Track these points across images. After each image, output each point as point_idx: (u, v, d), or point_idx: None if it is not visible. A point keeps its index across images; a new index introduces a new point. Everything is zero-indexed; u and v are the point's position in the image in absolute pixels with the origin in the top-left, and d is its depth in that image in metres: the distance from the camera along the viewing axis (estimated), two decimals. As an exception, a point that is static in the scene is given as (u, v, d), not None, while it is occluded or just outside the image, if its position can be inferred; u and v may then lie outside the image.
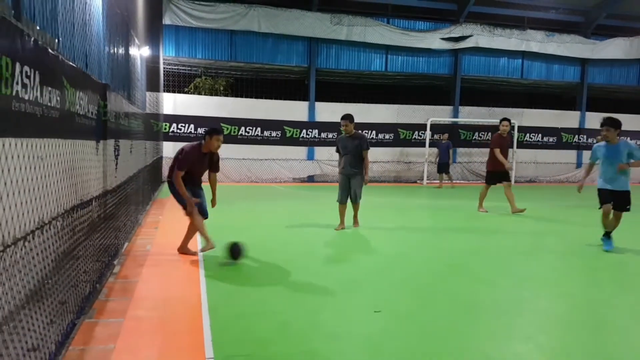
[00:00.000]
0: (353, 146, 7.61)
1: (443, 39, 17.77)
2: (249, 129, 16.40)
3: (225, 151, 15.37)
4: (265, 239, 6.89)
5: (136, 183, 7.39)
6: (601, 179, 6.57)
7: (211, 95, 17.12)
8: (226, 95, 17.44)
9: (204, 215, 5.83)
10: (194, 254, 5.86)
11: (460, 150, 18.40)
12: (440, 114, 18.15)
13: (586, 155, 19.26)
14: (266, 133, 16.56)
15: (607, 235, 6.64)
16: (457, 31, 17.83)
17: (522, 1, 17.90)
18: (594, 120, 19.62)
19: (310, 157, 17.12)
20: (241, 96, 16.83)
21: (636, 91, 20.32)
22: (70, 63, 3.44)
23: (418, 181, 17.51)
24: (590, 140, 19.43)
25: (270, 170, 16.54)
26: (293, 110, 16.89)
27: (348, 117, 7.58)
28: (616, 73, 20.08)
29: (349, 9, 16.86)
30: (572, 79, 19.76)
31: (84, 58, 4.31)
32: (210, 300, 4.22)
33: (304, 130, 16.95)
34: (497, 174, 9.97)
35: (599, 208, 6.58)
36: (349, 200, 7.83)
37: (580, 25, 19.07)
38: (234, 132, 16.22)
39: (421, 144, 17.56)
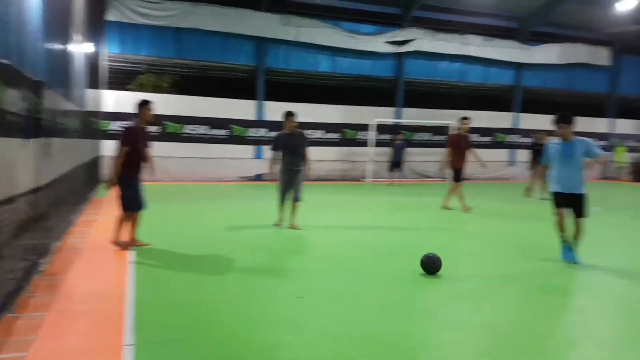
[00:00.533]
0: (295, 144, 7.68)
1: (387, 42, 18.37)
2: (195, 127, 16.41)
3: (169, 150, 15.49)
4: (204, 236, 7.10)
5: (69, 181, 7.39)
6: (554, 181, 6.00)
7: (155, 92, 16.96)
8: (171, 92, 17.33)
9: (139, 207, 5.99)
10: (130, 245, 6.01)
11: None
12: (384, 115, 18.74)
13: (520, 154, 20.39)
14: (213, 132, 16.61)
15: (567, 246, 6.03)
16: (400, 35, 18.46)
17: (462, 7, 18.71)
18: (527, 120, 20.84)
19: (258, 156, 17.30)
20: (187, 94, 16.78)
21: (566, 94, 21.65)
22: (1, 60, 3.45)
23: (362, 179, 18.02)
24: (525, 140, 20.54)
25: (216, 170, 16.58)
26: (241, 109, 17.02)
27: (295, 114, 7.78)
28: (549, 76, 21.33)
29: (298, 10, 17.14)
30: (508, 82, 20.84)
31: (19, 54, 4.31)
32: (139, 291, 4.43)
33: (252, 129, 17.11)
34: (458, 172, 10.32)
35: (555, 213, 6.02)
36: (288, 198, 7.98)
37: (516, 31, 20.14)
38: (179, 130, 16.20)
39: (366, 143, 18.09)
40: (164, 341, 3.44)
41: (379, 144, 18.34)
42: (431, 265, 5.17)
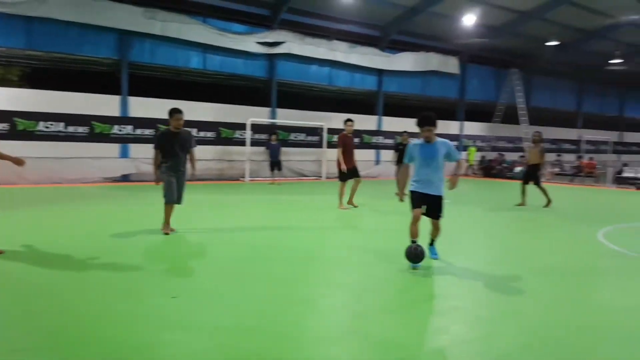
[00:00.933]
0: (181, 143, 7.21)
1: (259, 43, 18.53)
2: (50, 125, 14.85)
3: (21, 149, 13.75)
4: (63, 242, 6.36)
5: None
6: (415, 180, 5.79)
7: (2, 86, 15.11)
8: (21, 86, 15.56)
9: None
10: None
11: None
12: (259, 115, 18.78)
13: (385, 154, 21.81)
14: (71, 129, 15.16)
15: (431, 243, 6.09)
16: (271, 37, 18.75)
17: (329, 13, 19.62)
18: (389, 123, 22.39)
19: (124, 154, 16.20)
20: (40, 88, 15.19)
21: (422, 99, 23.72)
22: None
23: (241, 179, 17.80)
24: (388, 141, 21.98)
25: (76, 170, 15.12)
26: (103, 104, 15.81)
27: (182, 112, 7.22)
28: (406, 83, 23.20)
29: (164, 5, 16.52)
30: (372, 87, 22.25)
31: None
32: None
33: (116, 127, 16.00)
34: (348, 171, 10.47)
35: (413, 210, 5.73)
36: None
37: (378, 39, 21.63)
38: (31, 127, 14.55)
39: (242, 142, 17.94)
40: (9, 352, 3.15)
41: (256, 143, 18.32)
42: (413, 256, 5.47)
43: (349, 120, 10.50)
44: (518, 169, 23.07)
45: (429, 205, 5.73)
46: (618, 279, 5.59)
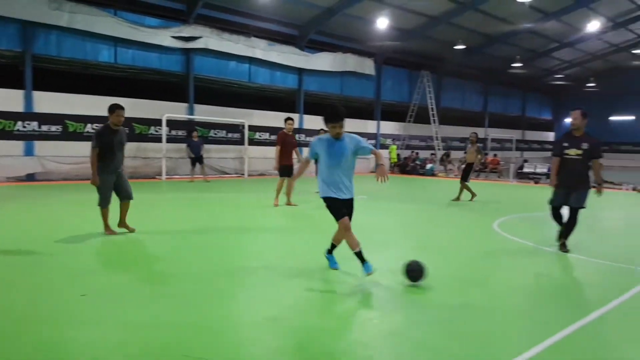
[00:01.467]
0: (120, 141, 6.89)
1: (174, 37, 18.16)
2: (-58, 119, 13.72)
3: None
4: None
5: None
6: (326, 184, 4.97)
7: None
8: None
9: None
10: None
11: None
12: (176, 110, 18.41)
13: (307, 151, 22.14)
14: (-33, 124, 14.11)
15: (330, 251, 5.44)
16: (187, 31, 18.44)
17: (246, 10, 19.62)
18: (310, 122, 22.77)
19: (29, 152, 15.27)
20: None
21: (341, 98, 24.39)
22: None
23: (157, 177, 17.36)
24: (310, 139, 22.38)
25: (-26, 168, 14.11)
26: (5, 99, 14.80)
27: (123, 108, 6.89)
28: (326, 82, 23.75)
29: (71, -5, 15.76)
30: (292, 85, 22.54)
31: None
32: None
33: (20, 123, 15.04)
34: (286, 168, 10.51)
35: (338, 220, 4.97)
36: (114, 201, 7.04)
37: (297, 38, 21.94)
38: None
39: (158, 139, 17.51)
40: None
41: (174, 140, 17.96)
42: (415, 273, 4.79)
43: (289, 119, 10.72)
44: (429, 165, 24.41)
45: (349, 209, 5.04)
46: (497, 260, 6.26)
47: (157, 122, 17.58)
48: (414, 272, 4.75)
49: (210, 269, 5.39)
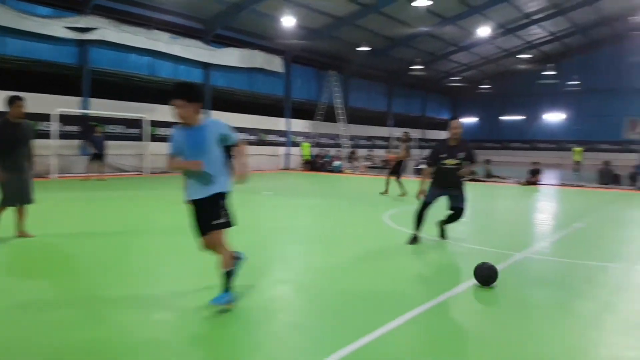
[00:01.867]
0: (21, 136, 6.29)
1: (68, 28, 17.09)
2: None
3: None
4: None
5: None
6: (188, 183, 4.05)
7: None
8: None
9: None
10: None
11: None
12: (68, 105, 17.33)
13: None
14: None
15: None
16: (82, 22, 17.43)
17: (148, 2, 18.90)
18: (217, 117, 22.37)
19: None
20: None
21: (249, 94, 24.30)
22: None
23: (46, 175, 16.21)
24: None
25: None
26: None
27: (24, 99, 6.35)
28: (234, 78, 23.53)
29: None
30: (198, 79, 22.05)
31: None
32: None
33: None
34: None
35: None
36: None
37: (202, 32, 21.51)
38: None
39: (47, 135, 16.36)
40: None
41: (67, 136, 16.90)
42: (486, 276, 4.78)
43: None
44: (337, 163, 25.03)
45: (200, 213, 4.00)
46: (380, 249, 6.66)
47: (46, 117, 16.43)
48: (489, 277, 4.76)
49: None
